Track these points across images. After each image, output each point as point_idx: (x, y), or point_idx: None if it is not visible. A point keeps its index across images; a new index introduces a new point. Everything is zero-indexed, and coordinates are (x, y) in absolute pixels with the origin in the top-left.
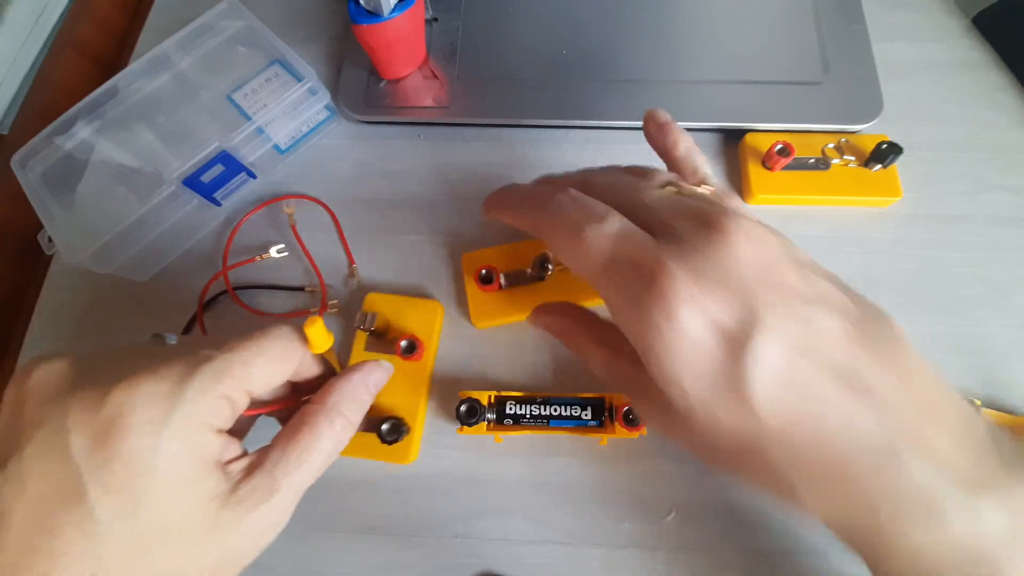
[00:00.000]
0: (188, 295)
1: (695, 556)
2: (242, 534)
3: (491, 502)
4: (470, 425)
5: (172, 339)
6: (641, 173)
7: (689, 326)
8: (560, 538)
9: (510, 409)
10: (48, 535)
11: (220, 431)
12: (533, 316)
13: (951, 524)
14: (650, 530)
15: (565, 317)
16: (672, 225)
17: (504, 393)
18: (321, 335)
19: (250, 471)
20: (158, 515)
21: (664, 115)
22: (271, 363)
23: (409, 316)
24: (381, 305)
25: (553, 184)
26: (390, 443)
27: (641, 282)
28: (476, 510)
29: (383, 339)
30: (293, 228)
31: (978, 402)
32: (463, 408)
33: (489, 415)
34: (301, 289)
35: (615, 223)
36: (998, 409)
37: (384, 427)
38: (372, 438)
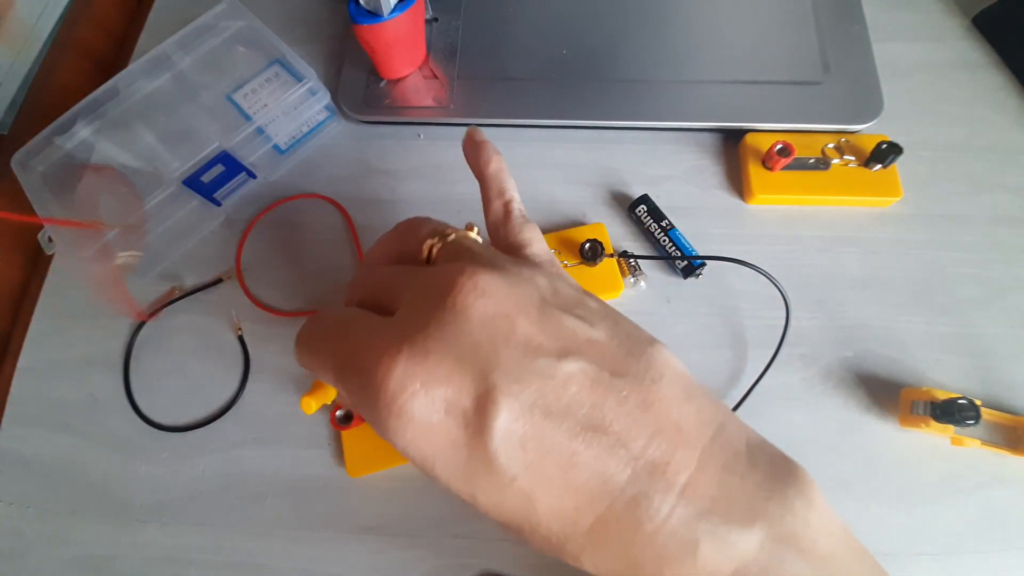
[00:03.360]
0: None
1: None
2: None
3: None
4: None
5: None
6: (407, 230)
7: (424, 420)
8: None
9: None
10: None
11: None
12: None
13: (703, 559)
14: None
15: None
16: (403, 302)
17: None
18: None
19: None
20: None
21: (481, 134)
22: None
23: None
24: None
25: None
26: None
27: (362, 382)
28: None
29: None
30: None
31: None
32: None
33: None
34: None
35: (328, 318)
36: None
37: None
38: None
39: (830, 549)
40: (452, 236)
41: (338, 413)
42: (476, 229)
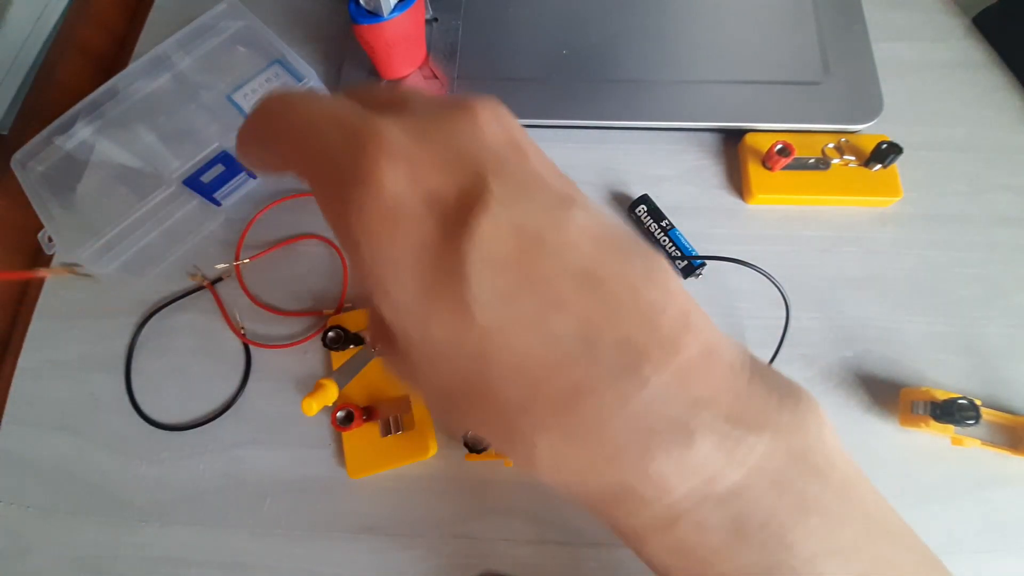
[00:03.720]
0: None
1: None
2: None
3: (491, 502)
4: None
5: None
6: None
7: (393, 187)
8: (560, 538)
9: None
10: None
11: None
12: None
13: (701, 454)
14: None
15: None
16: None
17: None
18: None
19: None
20: None
21: None
22: None
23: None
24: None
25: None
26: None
27: (341, 143)
28: (476, 510)
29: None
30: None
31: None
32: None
33: None
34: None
35: (322, 97)
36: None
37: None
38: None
39: (847, 475)
40: None
41: (339, 414)
42: None
